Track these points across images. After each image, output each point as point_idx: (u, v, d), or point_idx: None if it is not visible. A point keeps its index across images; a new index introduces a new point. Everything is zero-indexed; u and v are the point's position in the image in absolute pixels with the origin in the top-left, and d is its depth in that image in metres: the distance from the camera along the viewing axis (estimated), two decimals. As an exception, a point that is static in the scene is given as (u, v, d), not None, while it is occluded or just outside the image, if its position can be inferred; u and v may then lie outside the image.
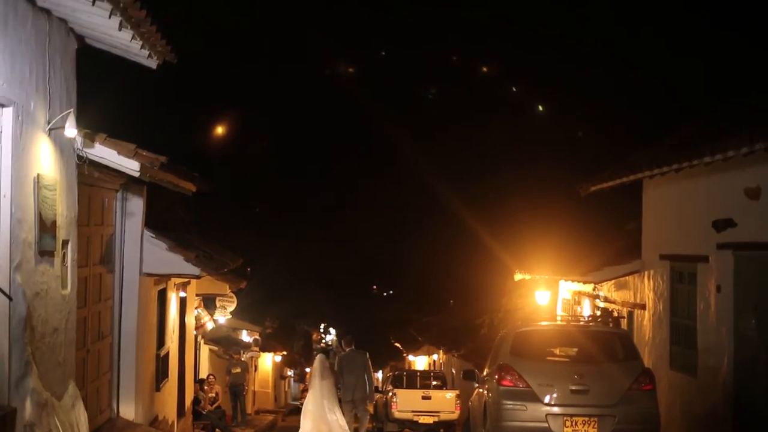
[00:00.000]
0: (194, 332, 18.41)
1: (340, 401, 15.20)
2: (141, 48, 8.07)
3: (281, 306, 39.45)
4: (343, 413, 14.89)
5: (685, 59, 28.96)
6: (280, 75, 54.74)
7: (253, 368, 31.46)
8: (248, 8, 52.10)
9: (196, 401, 18.32)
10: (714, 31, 27.37)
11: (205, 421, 18.39)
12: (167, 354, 14.59)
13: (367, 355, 16.33)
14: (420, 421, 21.57)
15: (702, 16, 28.97)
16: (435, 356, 38.89)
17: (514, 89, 55.21)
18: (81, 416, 8.29)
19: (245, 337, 29.03)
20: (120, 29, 7.45)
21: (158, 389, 13.81)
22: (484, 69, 58.94)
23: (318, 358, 15.41)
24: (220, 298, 21.31)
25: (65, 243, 8.19)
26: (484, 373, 12.49)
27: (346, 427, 14.55)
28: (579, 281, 16.75)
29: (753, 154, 9.61)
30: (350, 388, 15.63)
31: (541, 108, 51.42)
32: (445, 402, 21.87)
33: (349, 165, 56.30)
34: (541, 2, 47.56)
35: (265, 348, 33.16)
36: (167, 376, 14.62)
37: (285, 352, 39.22)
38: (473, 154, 48.66)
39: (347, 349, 16.25)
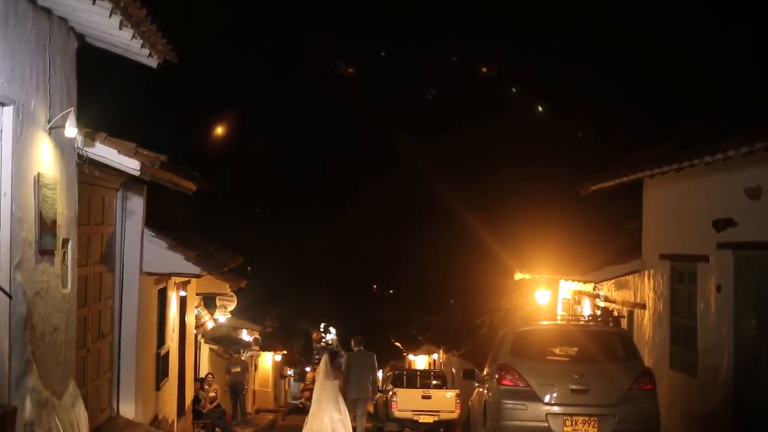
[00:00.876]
0: (194, 331, 18.41)
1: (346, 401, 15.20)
2: (141, 47, 8.07)
3: (281, 305, 39.47)
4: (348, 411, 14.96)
5: (685, 59, 28.97)
6: (280, 75, 54.75)
7: (253, 367, 31.47)
8: (248, 8, 52.12)
9: (196, 400, 18.32)
10: (714, 31, 27.38)
11: (205, 420, 18.39)
12: (167, 353, 14.59)
13: (374, 357, 16.42)
14: (420, 421, 21.57)
15: (702, 16, 28.97)
16: (435, 356, 38.90)
17: (514, 89, 55.22)
18: (81, 415, 8.28)
19: (245, 336, 29.04)
20: (120, 28, 7.44)
21: (158, 388, 13.81)
22: (484, 69, 58.94)
23: (324, 359, 15.48)
24: (221, 297, 21.30)
25: (65, 242, 8.18)
26: (484, 373, 12.49)
27: (342, 429, 14.55)
28: (579, 281, 16.75)
29: (753, 153, 9.62)
30: (355, 387, 15.71)
31: (540, 108, 51.45)
32: (445, 401, 21.86)
33: (349, 165, 56.33)
34: (541, 2, 47.57)
35: (265, 347, 33.17)
36: (167, 375, 14.62)
37: (285, 352, 39.22)
38: (473, 153, 48.68)
39: (355, 349, 16.34)
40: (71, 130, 7.83)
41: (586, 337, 11.51)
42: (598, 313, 15.79)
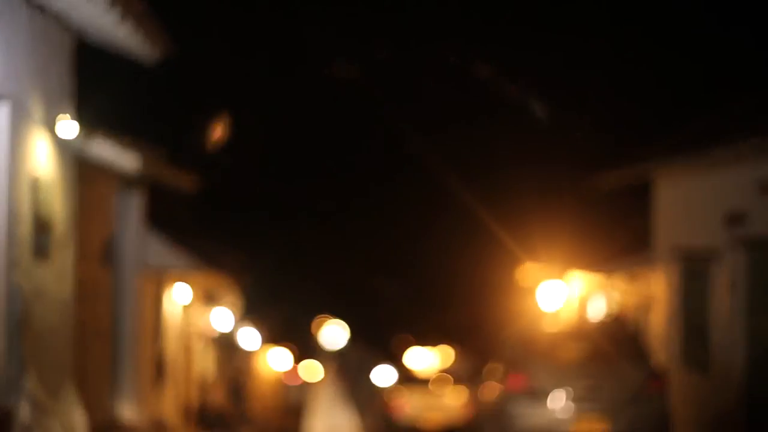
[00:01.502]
0: (195, 331, 18.35)
1: (349, 401, 15.13)
2: (140, 42, 7.97)
3: (284, 303, 39.49)
4: (354, 413, 14.90)
5: (698, 53, 28.91)
6: (281, 74, 54.70)
7: (256, 367, 31.44)
8: (248, 7, 52.09)
9: (197, 400, 18.25)
10: (725, 27, 27.31)
11: (206, 420, 18.31)
12: (167, 354, 14.52)
13: (377, 357, 16.39)
14: (427, 421, 21.48)
15: (712, 12, 28.91)
16: (443, 355, 38.90)
17: (518, 86, 55.09)
18: (79, 418, 8.21)
19: (247, 335, 28.96)
20: (119, 23, 7.33)
21: (158, 389, 13.74)
22: (489, 67, 58.88)
23: (325, 359, 15.44)
24: (222, 296, 21.23)
25: (63, 241, 8.07)
26: (492, 373, 12.37)
27: (345, 429, 14.50)
28: (588, 278, 16.66)
29: (766, 147, 9.50)
30: (358, 388, 15.64)
31: (547, 103, 51.32)
32: (452, 401, 21.76)
33: (353, 164, 56.31)
34: (542, 2, 47.48)
35: (267, 346, 33.13)
36: (167, 376, 14.55)
37: (288, 350, 39.21)
38: (477, 152, 48.55)
39: (357, 350, 16.31)
40: (69, 128, 7.72)
41: (595, 336, 11.40)
42: (608, 311, 15.67)
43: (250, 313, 28.19)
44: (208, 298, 20.61)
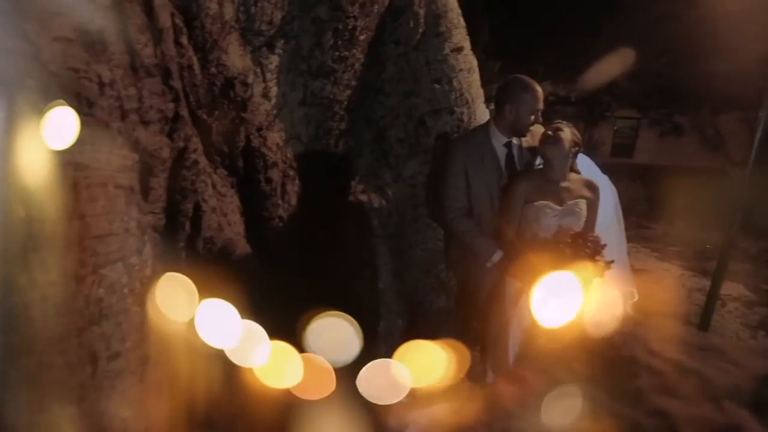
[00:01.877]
0: (195, 333, 18.24)
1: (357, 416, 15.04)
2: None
3: (284, 303, 39.52)
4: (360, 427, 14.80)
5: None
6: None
7: (255, 371, 31.40)
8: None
9: (200, 407, 18.11)
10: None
11: (210, 428, 18.18)
12: (166, 357, 14.36)
13: (378, 356, 16.21)
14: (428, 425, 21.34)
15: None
16: (445, 354, 38.82)
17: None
18: (74, 427, 8.09)
19: (246, 336, 28.91)
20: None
21: (156, 394, 13.58)
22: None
23: (334, 368, 15.31)
24: (221, 295, 21.16)
25: (59, 242, 7.93)
26: (494, 374, 12.23)
27: None
28: (593, 278, 16.52)
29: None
30: (365, 399, 15.51)
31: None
32: (455, 405, 21.61)
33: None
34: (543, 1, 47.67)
35: (266, 349, 33.10)
36: (169, 382, 14.40)
37: (287, 353, 39.19)
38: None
39: (365, 356, 16.14)
40: (66, 123, 7.56)
41: (601, 336, 11.26)
42: (613, 311, 15.54)
43: (249, 312, 28.11)
44: (207, 296, 20.52)
